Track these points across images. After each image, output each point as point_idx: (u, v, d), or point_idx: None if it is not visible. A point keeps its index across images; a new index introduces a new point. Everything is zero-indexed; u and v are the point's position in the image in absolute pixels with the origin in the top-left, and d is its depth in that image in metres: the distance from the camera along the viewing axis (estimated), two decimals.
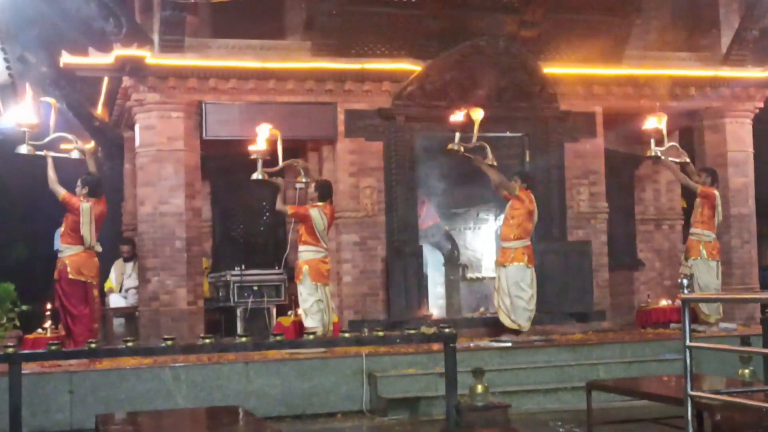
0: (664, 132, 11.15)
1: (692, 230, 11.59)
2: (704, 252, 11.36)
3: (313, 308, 9.96)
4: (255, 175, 9.95)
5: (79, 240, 9.83)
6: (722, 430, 5.55)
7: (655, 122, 11.03)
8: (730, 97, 13.08)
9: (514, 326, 10.83)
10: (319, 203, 10.22)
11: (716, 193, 11.49)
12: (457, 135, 10.76)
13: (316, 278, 9.97)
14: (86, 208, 9.81)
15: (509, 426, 7.52)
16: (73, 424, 8.47)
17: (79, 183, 10.00)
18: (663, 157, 11.25)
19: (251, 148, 9.85)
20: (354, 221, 11.77)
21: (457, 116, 10.74)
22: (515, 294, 10.79)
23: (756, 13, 12.63)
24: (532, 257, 10.96)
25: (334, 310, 10.43)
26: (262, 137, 9.86)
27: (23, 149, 9.51)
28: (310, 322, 9.86)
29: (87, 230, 9.78)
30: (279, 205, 10.30)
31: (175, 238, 11.30)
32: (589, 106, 12.65)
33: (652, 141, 11.08)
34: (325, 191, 10.38)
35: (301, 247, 10.14)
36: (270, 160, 10.11)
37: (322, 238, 10.09)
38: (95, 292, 9.97)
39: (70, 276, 9.74)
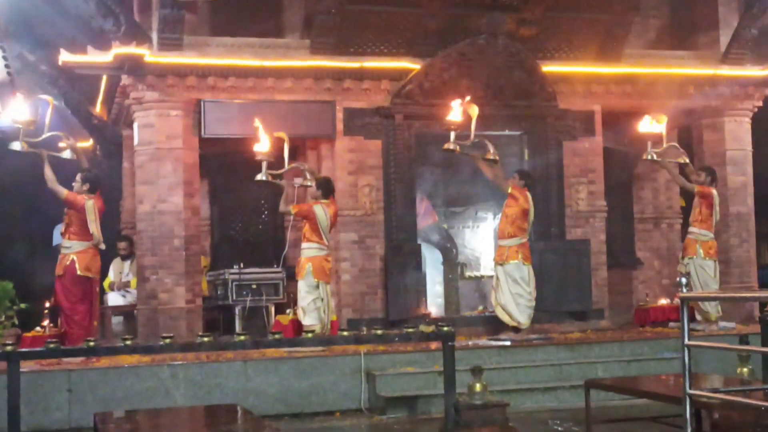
0: (663, 133, 11.10)
1: (690, 229, 11.53)
2: (701, 251, 11.30)
3: (310, 306, 9.94)
4: (259, 176, 9.71)
5: (87, 236, 9.66)
6: (721, 429, 5.55)
7: (652, 123, 10.97)
8: (728, 96, 13.07)
9: (513, 323, 10.74)
10: (323, 200, 10.21)
11: (714, 192, 11.43)
12: (453, 134, 10.34)
13: (318, 276, 9.95)
14: (90, 205, 9.68)
15: (508, 424, 7.52)
16: (71, 422, 8.45)
17: (78, 179, 9.84)
18: (660, 160, 11.21)
19: (256, 149, 9.67)
20: (353, 220, 11.77)
21: (454, 114, 10.37)
22: (515, 291, 10.70)
23: (755, 11, 12.64)
24: (528, 255, 10.84)
25: (333, 309, 10.41)
26: (266, 138, 9.74)
27: (16, 146, 9.33)
28: (308, 320, 9.86)
29: (95, 227, 9.65)
30: (282, 207, 10.21)
31: (173, 236, 11.30)
32: (587, 105, 12.65)
33: (649, 143, 11.04)
34: (327, 188, 10.36)
35: (304, 244, 10.10)
36: (275, 162, 9.94)
37: (325, 236, 10.07)
38: (97, 290, 9.95)
39: (79, 272, 9.59)
